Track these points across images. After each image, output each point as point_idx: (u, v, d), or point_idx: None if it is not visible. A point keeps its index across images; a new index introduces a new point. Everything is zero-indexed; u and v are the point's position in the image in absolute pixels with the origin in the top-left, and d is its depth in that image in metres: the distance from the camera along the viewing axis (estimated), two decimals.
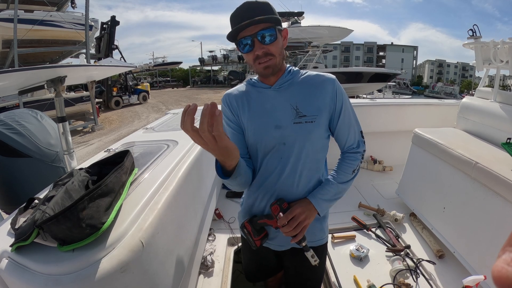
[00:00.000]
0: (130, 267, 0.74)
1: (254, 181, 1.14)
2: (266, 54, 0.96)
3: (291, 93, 1.04)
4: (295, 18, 29.48)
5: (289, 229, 0.99)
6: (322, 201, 1.06)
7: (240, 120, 1.09)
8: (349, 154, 1.12)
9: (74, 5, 13.77)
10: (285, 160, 1.06)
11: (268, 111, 1.05)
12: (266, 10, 0.94)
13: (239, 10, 0.94)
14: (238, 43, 0.97)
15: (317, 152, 1.07)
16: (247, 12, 0.92)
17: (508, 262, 0.22)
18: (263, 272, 1.40)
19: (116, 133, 9.82)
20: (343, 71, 20.29)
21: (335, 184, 1.08)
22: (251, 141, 1.08)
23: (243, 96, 1.09)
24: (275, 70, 1.00)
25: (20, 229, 0.70)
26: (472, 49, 2.53)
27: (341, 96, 1.05)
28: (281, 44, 1.00)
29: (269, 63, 0.97)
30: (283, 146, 1.04)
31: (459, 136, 2.27)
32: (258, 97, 1.07)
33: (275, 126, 1.03)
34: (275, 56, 0.97)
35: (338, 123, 1.07)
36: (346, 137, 1.10)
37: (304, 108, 1.02)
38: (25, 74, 1.56)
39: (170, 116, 2.55)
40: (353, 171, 1.10)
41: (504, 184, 1.48)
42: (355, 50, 61.47)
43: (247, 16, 0.91)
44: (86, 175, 0.96)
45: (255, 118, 1.06)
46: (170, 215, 1.03)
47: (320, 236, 1.18)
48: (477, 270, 1.57)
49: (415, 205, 2.26)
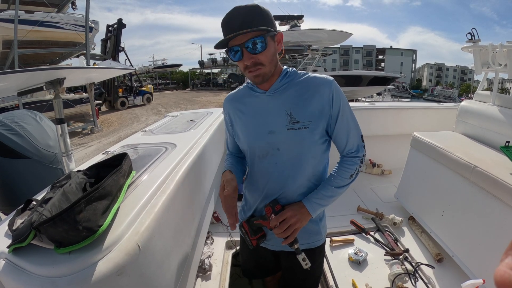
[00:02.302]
0: (127, 270, 0.74)
1: (251, 183, 1.17)
2: (255, 64, 0.94)
3: (286, 98, 1.02)
4: (295, 21, 29.57)
5: (280, 231, 1.00)
6: (317, 205, 1.04)
7: (235, 125, 1.14)
8: (347, 158, 1.08)
9: (74, 7, 13.85)
10: (280, 165, 1.06)
11: (262, 116, 1.05)
12: (256, 16, 0.91)
13: (229, 17, 0.92)
14: (228, 51, 0.96)
15: (313, 158, 1.06)
16: (236, 20, 0.90)
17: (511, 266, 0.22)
18: (261, 270, 1.40)
19: (115, 135, 9.81)
20: (342, 75, 20.36)
21: (331, 188, 1.05)
22: (245, 146, 1.13)
23: (239, 101, 1.12)
24: (266, 78, 0.99)
25: (17, 230, 0.70)
26: (470, 52, 2.54)
27: (338, 99, 1.01)
28: (273, 51, 0.97)
29: (258, 72, 0.96)
30: (277, 152, 1.05)
31: (458, 140, 2.27)
32: (253, 102, 1.08)
33: (269, 132, 1.04)
34: (265, 65, 0.95)
35: (335, 127, 1.04)
36: (345, 142, 1.06)
37: (298, 114, 1.00)
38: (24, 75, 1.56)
39: (169, 118, 2.55)
40: (350, 175, 1.06)
41: (503, 188, 1.48)
42: (354, 53, 61.71)
43: (237, 25, 0.89)
44: (84, 177, 0.96)
45: (248, 123, 1.09)
46: (167, 218, 1.03)
47: (317, 238, 1.18)
48: (476, 274, 1.57)
49: (414, 209, 2.26)
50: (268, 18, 0.94)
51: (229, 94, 1.18)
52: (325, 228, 1.23)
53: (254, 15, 0.91)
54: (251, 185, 1.18)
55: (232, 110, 1.14)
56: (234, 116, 1.14)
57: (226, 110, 1.17)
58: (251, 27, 0.88)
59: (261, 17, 0.92)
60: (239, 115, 1.12)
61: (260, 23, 0.91)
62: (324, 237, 1.22)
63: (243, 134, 1.11)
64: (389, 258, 1.85)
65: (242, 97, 1.12)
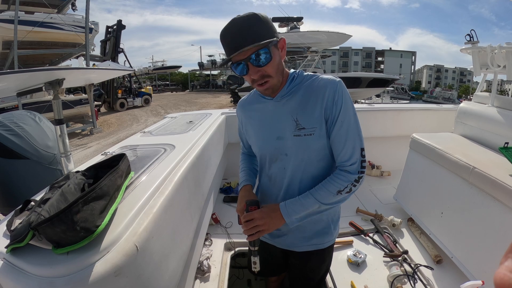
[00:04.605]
0: (124, 271, 0.74)
1: (262, 187, 1.21)
2: (262, 76, 0.92)
3: (293, 104, 1.01)
4: (294, 23, 29.61)
5: (245, 228, 1.03)
6: (293, 212, 1.00)
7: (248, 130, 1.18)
8: (340, 172, 0.99)
9: (74, 8, 13.87)
10: (289, 170, 1.07)
11: (270, 123, 1.07)
12: (257, 27, 0.87)
13: (229, 32, 0.88)
14: (232, 66, 0.93)
15: (321, 161, 1.05)
16: (237, 34, 0.86)
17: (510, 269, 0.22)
18: (268, 269, 1.39)
19: (114, 136, 9.80)
20: (342, 76, 20.17)
21: (311, 198, 0.99)
22: (256, 150, 1.17)
23: (249, 108, 1.16)
24: (275, 88, 0.99)
25: (16, 230, 0.70)
26: (469, 54, 2.54)
27: (341, 100, 0.95)
28: (278, 60, 0.94)
29: (267, 85, 0.95)
30: (285, 157, 1.06)
31: (457, 141, 2.28)
32: (262, 108, 1.09)
33: (277, 137, 1.05)
34: (272, 76, 0.94)
35: (333, 132, 0.98)
36: (340, 149, 0.98)
37: (304, 120, 0.99)
38: (23, 76, 1.56)
39: (168, 120, 2.55)
40: (338, 191, 0.97)
41: (502, 189, 1.48)
42: (353, 55, 61.88)
43: (238, 40, 0.85)
44: (82, 178, 0.95)
45: (258, 129, 1.12)
46: (165, 219, 1.03)
47: (329, 239, 1.19)
48: (475, 275, 1.57)
49: (413, 210, 2.26)
50: (268, 26, 0.90)
51: (241, 100, 1.21)
52: (337, 230, 1.22)
53: (254, 27, 0.87)
54: (262, 188, 1.21)
55: (243, 116, 1.18)
56: (246, 122, 1.19)
57: (239, 116, 1.21)
58: (254, 40, 0.85)
59: (262, 27, 0.88)
60: (250, 121, 1.15)
61: (262, 34, 0.87)
62: (335, 238, 1.22)
63: (254, 139, 1.15)
64: (388, 260, 1.85)
65: (252, 103, 1.14)
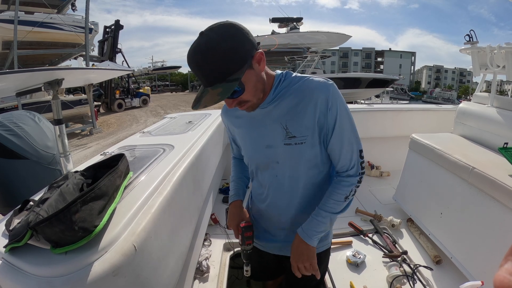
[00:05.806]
0: (123, 271, 0.74)
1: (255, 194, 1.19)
2: (240, 103, 0.87)
3: (281, 110, 0.94)
4: (294, 23, 29.67)
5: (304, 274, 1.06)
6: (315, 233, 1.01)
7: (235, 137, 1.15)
8: (342, 179, 0.99)
9: (74, 8, 13.88)
10: (281, 178, 1.04)
11: (258, 130, 1.01)
12: (221, 64, 0.76)
13: (190, 64, 0.78)
14: None
15: (313, 168, 1.01)
16: (199, 75, 0.79)
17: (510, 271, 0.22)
18: (264, 273, 1.39)
19: (114, 137, 9.79)
20: (341, 77, 20.41)
21: (325, 214, 0.99)
22: (246, 158, 1.13)
23: (233, 114, 1.08)
24: (258, 105, 0.92)
25: (14, 230, 0.70)
26: (469, 54, 2.55)
27: (335, 107, 0.90)
28: (254, 81, 0.84)
29: (246, 107, 0.90)
30: (277, 165, 1.02)
31: (456, 141, 2.28)
32: (247, 115, 1.00)
33: (266, 146, 1.00)
34: (250, 100, 0.87)
35: (331, 140, 0.95)
36: (340, 155, 0.97)
37: (294, 128, 0.93)
38: (23, 75, 1.56)
39: (167, 120, 2.55)
40: (345, 197, 0.98)
41: (501, 189, 1.48)
42: (353, 56, 61.97)
43: (203, 81, 0.79)
44: (81, 178, 0.95)
45: (246, 136, 1.07)
46: (164, 219, 1.02)
47: (325, 243, 1.19)
48: (474, 275, 1.57)
49: (412, 211, 2.26)
50: (233, 52, 0.76)
51: (223, 106, 1.09)
52: (331, 233, 1.23)
53: (214, 64, 0.76)
54: (255, 196, 1.19)
55: (229, 123, 1.12)
56: (232, 129, 1.13)
57: (225, 122, 1.15)
58: (218, 80, 0.77)
59: (227, 59, 0.76)
60: (236, 129, 1.10)
61: (225, 69, 0.76)
62: (330, 241, 1.22)
63: (243, 148, 1.11)
64: (388, 260, 1.85)
65: (236, 109, 0.99)
